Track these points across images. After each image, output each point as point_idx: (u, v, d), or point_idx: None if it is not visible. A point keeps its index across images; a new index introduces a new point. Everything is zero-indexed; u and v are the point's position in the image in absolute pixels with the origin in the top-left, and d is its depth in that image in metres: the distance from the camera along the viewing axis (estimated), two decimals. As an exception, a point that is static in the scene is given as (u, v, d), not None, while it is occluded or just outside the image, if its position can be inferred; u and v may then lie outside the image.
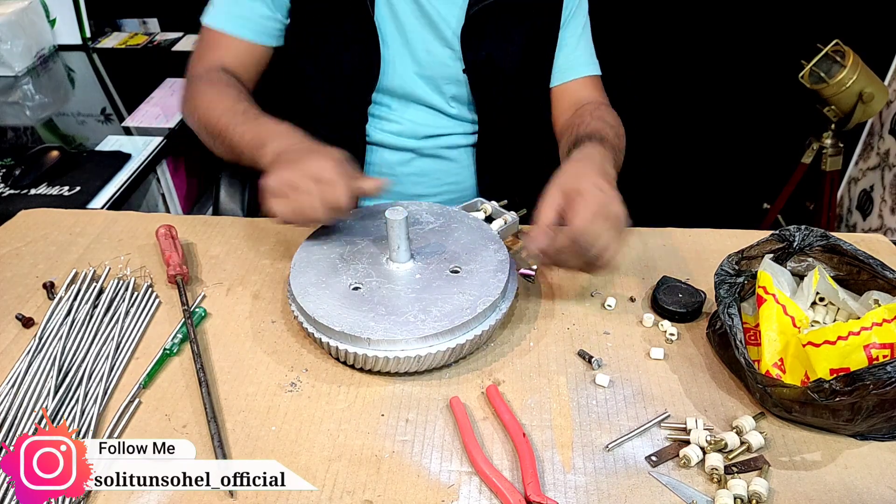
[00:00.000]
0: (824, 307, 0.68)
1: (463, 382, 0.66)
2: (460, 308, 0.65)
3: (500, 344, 0.70)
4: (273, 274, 0.79)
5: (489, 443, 0.60)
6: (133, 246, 0.84)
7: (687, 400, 0.63)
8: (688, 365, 0.67)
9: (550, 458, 0.58)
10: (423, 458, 0.58)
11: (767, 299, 0.64)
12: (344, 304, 0.66)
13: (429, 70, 0.93)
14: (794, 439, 0.60)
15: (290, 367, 0.67)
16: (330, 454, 0.58)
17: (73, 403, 0.62)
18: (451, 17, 0.90)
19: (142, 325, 0.71)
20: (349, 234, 0.76)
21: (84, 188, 1.13)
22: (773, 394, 0.59)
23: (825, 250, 0.70)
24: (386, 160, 0.99)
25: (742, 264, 0.69)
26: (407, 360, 0.63)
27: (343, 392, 0.64)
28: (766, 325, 0.63)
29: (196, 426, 0.61)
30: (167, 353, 0.68)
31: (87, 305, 0.73)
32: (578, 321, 0.72)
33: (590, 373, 0.66)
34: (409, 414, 0.62)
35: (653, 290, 0.74)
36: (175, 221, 0.88)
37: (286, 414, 0.62)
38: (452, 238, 0.75)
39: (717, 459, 0.56)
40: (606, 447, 0.59)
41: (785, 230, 0.70)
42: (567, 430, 0.61)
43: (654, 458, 0.58)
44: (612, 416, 0.62)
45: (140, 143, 1.27)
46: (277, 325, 0.72)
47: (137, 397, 0.64)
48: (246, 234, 0.85)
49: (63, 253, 0.83)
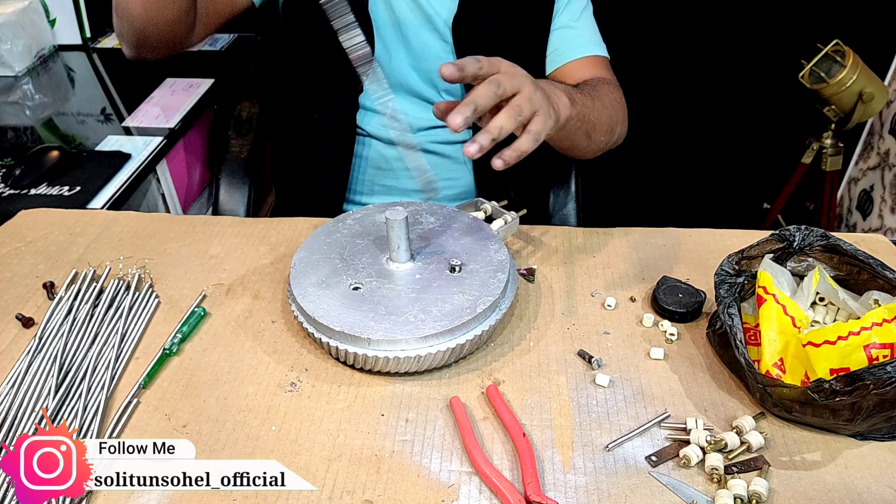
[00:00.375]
0: (824, 307, 0.68)
1: (463, 382, 0.66)
2: (460, 308, 0.65)
3: (500, 344, 0.70)
4: (273, 274, 0.79)
5: (489, 443, 0.60)
6: (133, 246, 0.84)
7: (687, 400, 0.63)
8: (688, 365, 0.67)
9: (550, 457, 0.58)
10: (423, 458, 0.58)
11: (767, 299, 0.64)
12: (344, 304, 0.66)
13: (423, 62, 0.93)
14: (794, 439, 0.60)
15: (290, 367, 0.67)
16: (330, 454, 0.58)
17: (74, 403, 0.63)
18: (442, 8, 0.90)
19: (142, 325, 0.71)
20: (349, 235, 0.76)
21: (84, 188, 1.13)
22: (773, 394, 0.59)
23: (825, 250, 0.70)
24: (382, 154, 0.99)
25: (742, 264, 0.69)
26: (407, 360, 0.63)
27: (343, 392, 0.64)
28: (766, 325, 0.63)
29: (196, 426, 0.61)
30: (167, 353, 0.68)
31: (87, 305, 0.73)
32: (578, 321, 0.72)
33: (590, 373, 0.66)
34: (409, 414, 0.62)
35: (653, 290, 0.74)
36: (175, 221, 0.88)
37: (286, 414, 0.62)
38: (452, 238, 0.75)
39: (717, 459, 0.56)
40: (606, 447, 0.59)
41: (785, 230, 0.70)
42: (567, 429, 0.60)
43: (654, 458, 0.58)
44: (612, 416, 0.62)
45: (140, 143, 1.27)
46: (277, 325, 0.72)
47: (137, 397, 0.64)
48: (246, 234, 0.85)
49: (63, 253, 0.83)
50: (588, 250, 0.82)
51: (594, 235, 0.84)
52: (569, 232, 0.85)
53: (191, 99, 1.41)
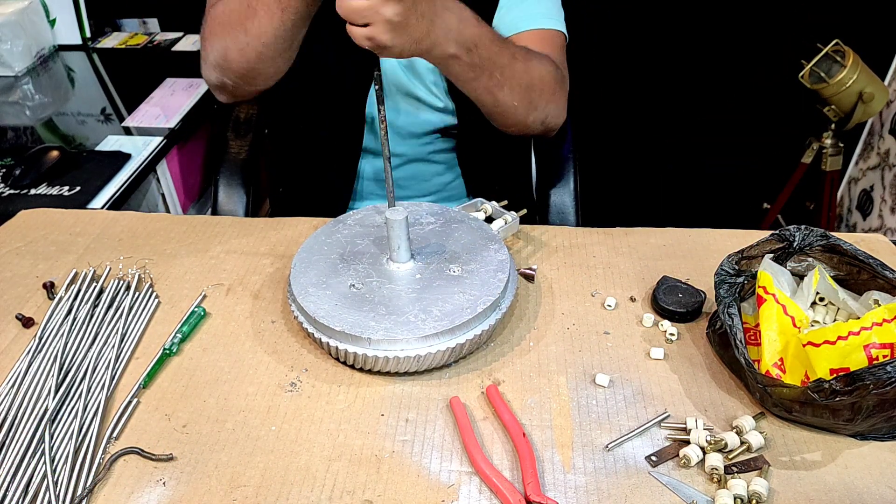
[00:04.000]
0: (824, 307, 0.68)
1: (463, 382, 0.66)
2: (460, 308, 0.65)
3: (500, 344, 0.70)
4: (273, 274, 0.79)
5: (489, 443, 0.60)
6: (133, 246, 0.83)
7: (687, 400, 0.63)
8: (688, 365, 0.67)
9: (550, 457, 0.58)
10: (423, 458, 0.58)
11: (767, 299, 0.64)
12: (344, 304, 0.66)
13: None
14: (794, 439, 0.60)
15: (290, 367, 0.67)
16: (330, 454, 0.58)
17: (74, 403, 0.63)
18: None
19: (142, 325, 0.71)
20: (349, 235, 0.76)
21: (84, 188, 1.13)
22: (773, 394, 0.59)
23: (825, 250, 0.70)
24: (377, 168, 0.99)
25: (742, 264, 0.69)
26: (407, 360, 0.63)
27: (343, 392, 0.64)
28: (766, 324, 0.63)
29: (196, 426, 0.61)
30: (167, 353, 0.68)
31: (87, 305, 0.73)
32: (578, 321, 0.72)
33: (590, 372, 0.66)
34: (409, 414, 0.62)
35: (653, 290, 0.74)
36: (175, 222, 0.88)
37: (286, 414, 0.62)
38: (453, 238, 0.75)
39: (717, 459, 0.56)
40: (606, 447, 0.59)
41: (785, 230, 0.70)
42: (567, 429, 0.61)
43: (654, 458, 0.58)
44: (612, 416, 0.62)
45: (140, 143, 1.27)
46: (277, 325, 0.72)
47: (137, 397, 0.64)
48: (246, 234, 0.85)
49: (63, 253, 0.83)
50: (588, 250, 0.82)
51: (594, 235, 0.84)
52: (569, 232, 0.85)
53: (191, 99, 1.41)
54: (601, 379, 0.65)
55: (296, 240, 0.84)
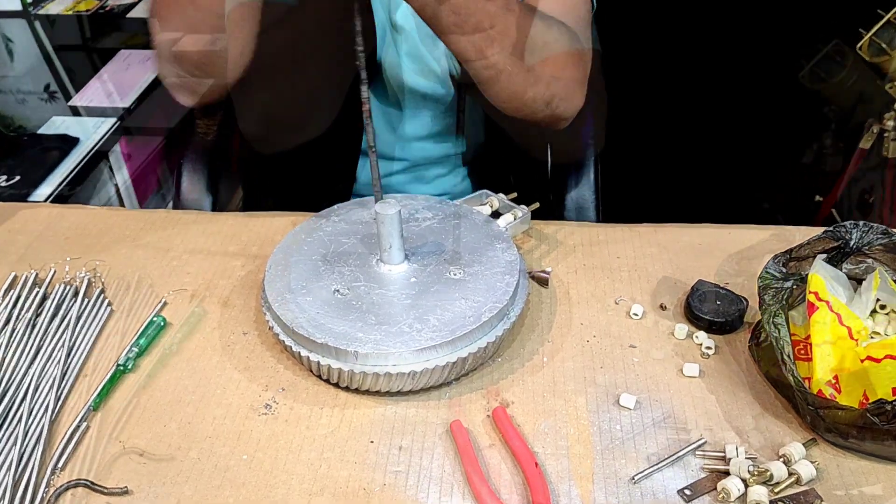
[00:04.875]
0: (886, 316, 0.68)
1: (465, 403, 0.66)
2: (462, 316, 0.65)
3: (508, 359, 0.70)
4: (244, 278, 0.79)
5: (495, 474, 0.60)
6: (82, 245, 0.84)
7: (726, 424, 0.63)
8: (727, 383, 0.67)
9: (567, 491, 0.58)
10: (420, 492, 0.58)
11: (820, 307, 0.64)
12: (327, 313, 0.66)
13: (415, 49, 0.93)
14: (850, 470, 0.60)
15: (265, 387, 0.67)
16: (311, 487, 0.59)
17: (13, 429, 0.63)
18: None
19: (91, 337, 0.72)
20: (333, 232, 0.76)
21: (24, 178, 1.13)
22: (827, 417, 0.59)
23: (887, 249, 0.70)
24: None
25: (790, 266, 0.69)
26: (400, 377, 0.63)
27: (326, 415, 0.64)
28: (818, 336, 0.63)
29: (155, 454, 0.61)
30: (121, 369, 0.68)
31: (27, 314, 0.73)
32: (599, 333, 0.72)
33: (613, 393, 0.66)
34: (402, 440, 0.62)
35: (686, 296, 0.74)
36: (130, 217, 0.88)
37: (259, 441, 0.62)
38: (453, 236, 0.75)
39: (761, 493, 0.56)
40: (632, 479, 0.59)
41: (840, 226, 0.70)
42: (586, 458, 0.61)
43: (687, 492, 0.58)
44: (638, 443, 0.62)
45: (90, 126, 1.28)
46: (249, 337, 0.72)
47: (86, 421, 0.64)
48: (213, 232, 0.85)
49: (0, 253, 0.83)
50: (610, 250, 0.82)
51: (617, 232, 0.85)
52: (588, 229, 0.85)
53: (148, 74, 1.42)
54: (626, 400, 0.65)
55: (271, 238, 0.84)
